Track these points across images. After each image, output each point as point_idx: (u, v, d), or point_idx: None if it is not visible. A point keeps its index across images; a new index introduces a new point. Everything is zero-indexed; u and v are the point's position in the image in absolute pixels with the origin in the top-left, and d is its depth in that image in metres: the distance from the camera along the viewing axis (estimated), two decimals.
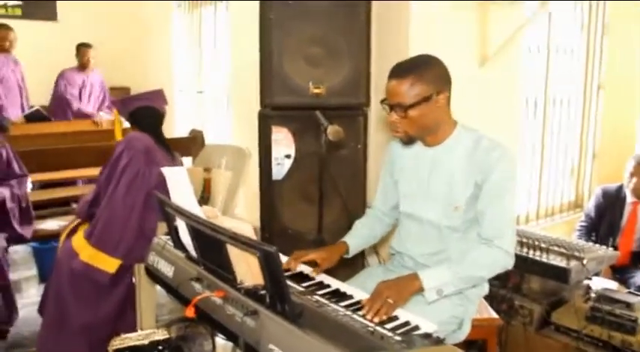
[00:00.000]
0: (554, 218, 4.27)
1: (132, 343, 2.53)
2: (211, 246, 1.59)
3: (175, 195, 1.69)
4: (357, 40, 2.79)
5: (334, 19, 2.74)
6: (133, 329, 2.71)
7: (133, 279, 2.71)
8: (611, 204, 3.55)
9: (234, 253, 1.53)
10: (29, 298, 3.47)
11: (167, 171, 1.72)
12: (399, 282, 1.69)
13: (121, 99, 3.02)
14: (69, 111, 5.16)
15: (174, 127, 5.25)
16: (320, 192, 2.38)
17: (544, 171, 4.21)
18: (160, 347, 2.54)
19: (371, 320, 1.52)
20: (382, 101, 1.83)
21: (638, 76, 4.76)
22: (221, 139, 4.43)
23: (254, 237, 1.49)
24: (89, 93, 5.26)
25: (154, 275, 1.99)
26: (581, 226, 3.67)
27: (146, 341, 2.54)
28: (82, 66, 5.20)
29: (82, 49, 5.17)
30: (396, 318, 1.58)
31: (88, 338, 2.60)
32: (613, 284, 2.92)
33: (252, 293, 1.52)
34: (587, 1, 4.25)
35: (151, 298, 2.67)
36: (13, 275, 3.41)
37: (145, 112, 2.84)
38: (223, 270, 1.59)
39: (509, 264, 1.80)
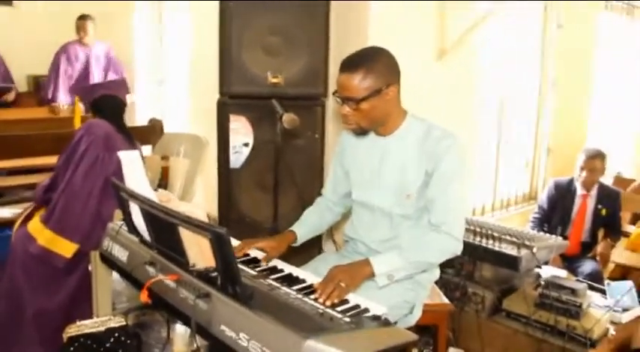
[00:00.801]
0: (509, 210, 4.39)
1: (87, 330, 2.50)
2: (164, 230, 1.59)
3: (130, 179, 1.69)
4: (316, 30, 2.82)
5: (293, 8, 2.76)
6: (89, 318, 2.68)
7: (89, 267, 2.68)
8: (562, 196, 3.67)
9: (187, 236, 1.53)
10: None
11: (122, 154, 1.71)
12: (351, 268, 1.71)
13: (84, 87, 3.00)
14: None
15: (135, 116, 5.17)
16: (275, 180, 2.39)
17: (500, 164, 4.32)
18: (117, 334, 2.52)
19: (322, 303, 1.55)
20: (334, 93, 1.84)
21: (590, 72, 4.92)
22: (180, 128, 4.39)
23: (206, 220, 1.50)
24: (94, 67, 5.07)
25: (109, 261, 1.98)
26: (535, 217, 3.78)
27: (102, 328, 2.52)
28: (83, 40, 5.00)
29: (79, 22, 4.96)
30: (346, 302, 1.61)
31: (41, 325, 2.56)
32: (562, 273, 3.02)
33: (204, 275, 1.52)
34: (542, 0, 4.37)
35: (106, 285, 2.64)
36: None
37: (107, 101, 2.82)
38: (176, 254, 1.59)
39: (457, 249, 1.85)
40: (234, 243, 1.95)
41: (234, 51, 2.71)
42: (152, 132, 3.61)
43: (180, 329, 2.88)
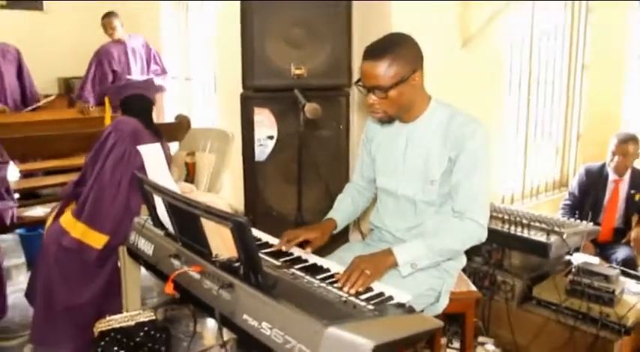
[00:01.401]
0: (539, 197, 4.31)
1: (118, 325, 2.56)
2: (187, 221, 1.62)
3: (152, 172, 1.72)
4: (339, 21, 2.81)
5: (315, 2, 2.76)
6: (119, 312, 2.74)
7: (118, 263, 2.74)
8: (594, 183, 3.59)
9: (209, 227, 1.55)
10: (19, 285, 3.49)
11: (143, 148, 1.74)
12: (374, 257, 1.71)
13: (114, 87, 3.08)
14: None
15: (163, 113, 5.25)
16: (299, 172, 2.40)
17: (529, 151, 4.24)
18: (146, 328, 2.58)
19: (347, 291, 1.55)
20: (357, 82, 1.83)
21: (622, 55, 4.78)
22: (207, 124, 4.44)
23: (228, 210, 1.51)
24: (133, 60, 5.04)
25: (135, 255, 2.01)
26: (565, 204, 3.71)
27: (132, 323, 2.58)
28: (113, 37, 4.98)
29: (104, 20, 4.95)
30: (370, 290, 1.61)
31: (73, 320, 2.63)
32: (595, 260, 2.96)
33: (226, 266, 1.54)
34: None
35: (135, 280, 2.70)
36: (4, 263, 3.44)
37: (136, 100, 2.91)
38: (199, 245, 1.61)
39: (482, 236, 1.82)
40: (274, 241, 1.96)
41: (256, 44, 2.72)
42: (179, 129, 3.65)
43: (209, 323, 2.93)
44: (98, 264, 2.63)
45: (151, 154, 1.68)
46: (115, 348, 2.51)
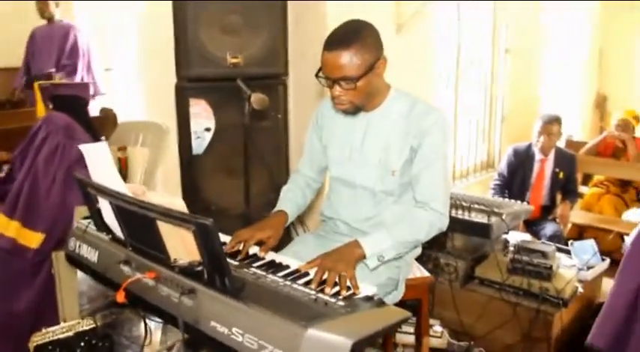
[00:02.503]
0: (468, 179, 4.45)
1: (55, 337, 2.38)
2: (140, 225, 1.50)
3: (97, 173, 1.58)
4: (275, 8, 2.73)
5: None
6: (57, 322, 2.56)
7: (52, 270, 2.54)
8: (521, 162, 3.75)
9: (166, 230, 1.44)
10: None
11: (86, 147, 1.59)
12: (342, 252, 1.65)
13: (45, 86, 2.85)
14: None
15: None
16: (245, 164, 2.32)
17: (457, 134, 4.36)
18: (87, 338, 2.41)
19: (338, 293, 1.48)
20: (318, 75, 1.74)
21: (542, 40, 5.01)
22: (134, 116, 4.20)
23: (186, 211, 1.42)
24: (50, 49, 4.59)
25: (77, 262, 1.86)
26: (495, 185, 3.85)
27: (71, 333, 2.40)
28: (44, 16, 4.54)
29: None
30: (335, 284, 1.57)
31: (6, 333, 2.42)
32: (527, 237, 3.09)
33: (187, 270, 1.45)
34: None
35: (72, 287, 2.51)
36: None
37: (69, 99, 2.76)
38: (155, 250, 1.50)
39: (444, 225, 1.83)
40: (223, 238, 1.86)
41: (190, 32, 2.59)
42: (105, 123, 3.43)
43: (152, 325, 2.79)
44: (31, 272, 2.43)
45: (95, 153, 1.54)
46: None
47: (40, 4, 4.51)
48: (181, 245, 1.43)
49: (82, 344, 2.40)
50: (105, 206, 1.60)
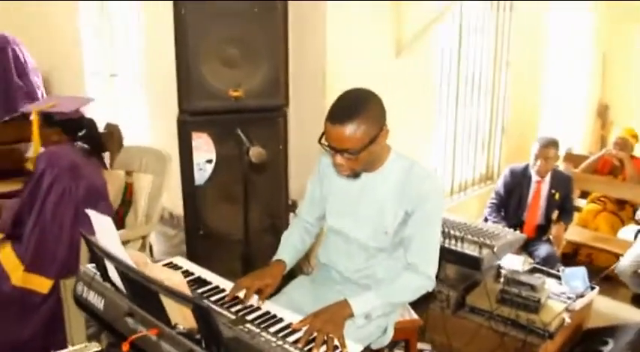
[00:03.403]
0: (467, 192, 4.51)
1: None
2: (143, 291, 1.60)
3: (103, 238, 1.67)
4: (275, 40, 2.78)
5: (250, 19, 2.71)
6: (64, 345, 2.67)
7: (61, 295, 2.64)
8: (518, 183, 3.80)
9: (168, 300, 1.54)
10: None
11: (93, 215, 1.68)
12: (331, 312, 1.72)
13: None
14: None
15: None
16: (245, 194, 2.38)
17: (457, 147, 4.41)
18: None
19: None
20: (320, 141, 1.78)
21: (542, 52, 5.03)
22: (139, 136, 4.27)
23: (186, 287, 1.51)
24: None
25: (85, 307, 1.96)
26: (492, 203, 3.91)
27: None
28: None
29: None
30: (323, 342, 1.66)
31: None
32: (520, 259, 3.16)
33: (188, 336, 1.54)
34: None
35: (78, 312, 2.62)
36: None
37: (80, 122, 2.72)
38: (156, 313, 1.60)
39: (431, 287, 1.92)
40: (224, 284, 1.94)
41: (192, 66, 2.65)
42: (109, 139, 3.51)
43: None
44: (40, 301, 2.53)
45: (102, 225, 1.63)
46: None
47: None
48: (181, 314, 1.53)
49: None
50: (111, 267, 1.69)
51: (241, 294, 1.87)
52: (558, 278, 3.13)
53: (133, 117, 4.63)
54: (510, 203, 3.83)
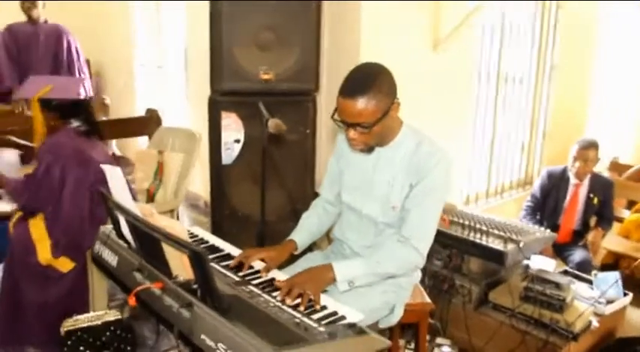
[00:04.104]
0: (503, 196, 4.42)
1: (84, 324, 2.60)
2: (148, 241, 1.65)
3: (115, 191, 1.74)
4: (308, 25, 2.83)
5: (285, 4, 2.76)
6: (87, 310, 2.77)
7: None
8: (555, 185, 3.70)
9: (169, 249, 1.59)
10: None
11: (106, 168, 1.76)
12: (314, 273, 1.77)
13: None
14: None
15: (135, 103, 5.21)
16: (263, 175, 2.42)
17: (495, 149, 4.33)
18: (112, 328, 2.62)
19: (295, 308, 1.61)
20: (333, 117, 1.81)
21: (591, 56, 4.88)
22: (177, 119, 4.43)
23: (186, 236, 1.55)
24: (40, 53, 4.36)
25: (100, 264, 2.05)
26: (528, 206, 3.82)
27: (98, 322, 2.62)
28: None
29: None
30: (324, 308, 1.67)
31: (40, 318, 2.65)
32: (551, 263, 3.06)
33: (186, 286, 1.59)
34: None
35: (102, 280, 2.72)
36: None
37: (75, 106, 2.70)
38: (160, 264, 1.65)
39: (420, 264, 1.91)
40: (235, 251, 2.00)
41: (225, 47, 2.72)
42: (149, 123, 3.66)
43: None
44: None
45: (114, 176, 1.70)
46: (82, 348, 2.54)
47: (27, 3, 4.30)
48: (181, 264, 1.57)
49: (108, 333, 2.61)
50: (122, 220, 1.76)
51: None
52: (591, 283, 3.02)
53: (174, 103, 4.80)
54: (546, 206, 3.72)
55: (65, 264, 2.62)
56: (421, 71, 3.32)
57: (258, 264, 1.95)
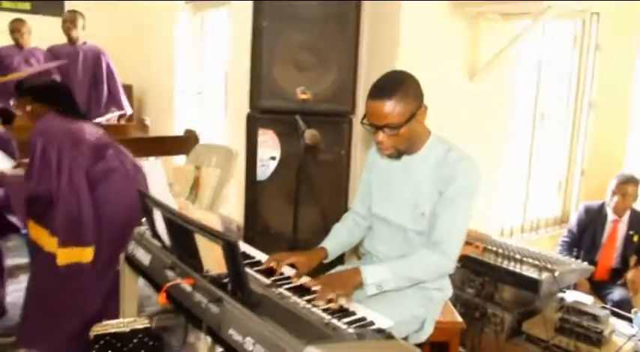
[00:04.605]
0: (539, 232, 4.32)
1: (113, 330, 2.62)
2: (182, 236, 1.68)
3: (153, 186, 1.79)
4: (346, 47, 2.89)
5: (324, 24, 2.84)
6: (117, 316, 2.78)
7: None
8: (593, 221, 3.62)
9: (203, 243, 1.61)
10: (22, 283, 3.55)
11: (147, 165, 1.81)
12: (343, 276, 1.79)
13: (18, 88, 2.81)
14: None
15: (174, 125, 5.35)
16: (296, 193, 2.45)
17: (531, 185, 4.27)
18: (140, 335, 2.63)
19: (330, 310, 1.60)
20: (363, 121, 1.86)
21: (630, 94, 4.82)
22: (216, 139, 4.53)
23: (220, 228, 1.57)
24: (79, 74, 4.59)
25: (133, 264, 2.08)
26: (564, 241, 3.74)
27: (127, 329, 2.63)
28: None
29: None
30: (353, 313, 1.66)
31: (73, 323, 2.67)
32: (589, 299, 2.97)
33: (216, 281, 1.60)
34: (579, 18, 4.32)
35: (133, 286, 2.73)
36: (8, 262, 3.51)
37: (51, 89, 2.76)
38: (192, 259, 1.67)
39: (449, 269, 1.88)
40: (263, 257, 2.02)
41: (265, 66, 2.80)
42: (187, 143, 3.75)
43: (203, 335, 2.96)
44: (98, 276, 2.67)
45: (153, 170, 1.75)
46: None
47: (68, 24, 4.50)
48: (214, 257, 1.59)
49: (135, 340, 2.61)
50: (158, 217, 1.80)
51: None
52: (631, 321, 2.91)
53: (213, 124, 4.93)
54: (583, 242, 3.64)
55: (82, 253, 2.58)
56: (457, 99, 3.34)
57: (288, 271, 1.96)
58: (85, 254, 2.60)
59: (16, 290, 3.41)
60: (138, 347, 2.59)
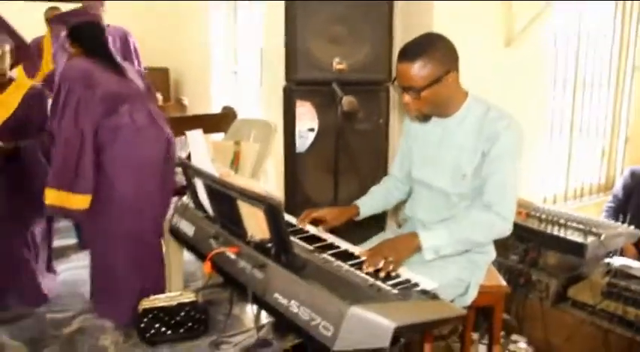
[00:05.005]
0: (582, 199, 4.23)
1: (160, 304, 2.71)
2: (224, 204, 1.71)
3: (195, 156, 1.82)
4: (380, 20, 2.86)
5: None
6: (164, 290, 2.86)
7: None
8: (639, 185, 3.51)
9: (245, 210, 1.64)
10: (71, 263, 3.71)
11: (189, 134, 1.84)
12: (398, 241, 1.78)
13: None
14: None
15: (211, 104, 5.41)
16: (336, 164, 2.46)
17: (573, 152, 4.17)
18: (187, 309, 2.71)
19: (374, 274, 1.61)
20: (393, 82, 1.88)
21: None
22: (252, 114, 4.56)
23: (262, 193, 1.60)
24: None
25: (177, 235, 2.13)
26: (609, 207, 3.65)
27: (174, 303, 2.72)
28: None
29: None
30: (397, 276, 1.66)
31: (133, 298, 2.75)
32: (636, 264, 2.91)
33: (260, 246, 1.63)
34: None
35: (177, 262, 2.83)
36: (57, 242, 3.65)
37: (85, 29, 2.73)
38: (235, 226, 1.70)
39: (506, 230, 1.86)
40: (308, 228, 2.05)
41: (299, 39, 2.79)
42: (225, 120, 3.79)
43: (248, 307, 3.03)
44: (154, 249, 2.73)
45: (194, 140, 1.78)
46: (157, 325, 2.66)
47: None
48: (256, 223, 1.61)
49: (182, 313, 2.71)
50: (200, 186, 1.84)
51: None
52: None
53: (249, 100, 4.97)
54: (629, 207, 3.54)
55: (75, 201, 2.53)
56: (493, 67, 3.27)
57: (313, 229, 2.01)
58: (75, 200, 2.53)
59: (68, 269, 3.56)
60: (185, 320, 2.68)
